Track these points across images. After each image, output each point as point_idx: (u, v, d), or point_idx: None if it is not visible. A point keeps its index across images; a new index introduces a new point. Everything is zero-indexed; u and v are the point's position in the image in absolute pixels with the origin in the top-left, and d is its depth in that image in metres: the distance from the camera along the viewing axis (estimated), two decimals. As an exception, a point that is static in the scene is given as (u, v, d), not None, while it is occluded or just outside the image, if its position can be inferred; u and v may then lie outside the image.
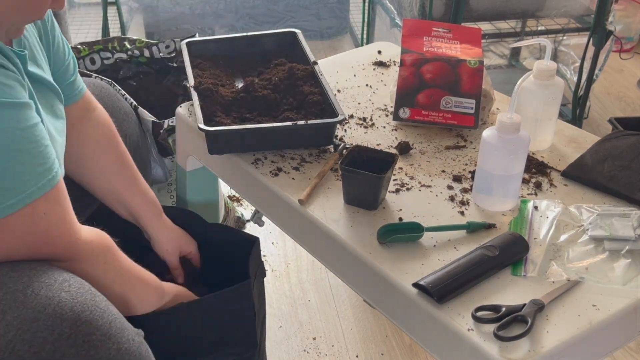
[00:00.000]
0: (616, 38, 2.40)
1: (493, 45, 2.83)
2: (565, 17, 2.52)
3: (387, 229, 1.11)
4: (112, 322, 0.93)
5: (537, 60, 1.29)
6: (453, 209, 1.18)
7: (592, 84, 2.45)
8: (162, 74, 1.90)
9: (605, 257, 1.06)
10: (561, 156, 1.32)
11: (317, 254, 1.22)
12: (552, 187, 1.24)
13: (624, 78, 3.05)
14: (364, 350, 1.70)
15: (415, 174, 1.27)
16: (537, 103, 1.29)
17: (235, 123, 1.32)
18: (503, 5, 2.38)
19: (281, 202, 1.23)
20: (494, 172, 1.14)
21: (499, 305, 0.96)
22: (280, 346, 1.71)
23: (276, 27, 3.38)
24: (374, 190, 1.15)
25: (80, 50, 1.84)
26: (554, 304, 0.98)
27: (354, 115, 1.45)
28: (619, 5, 2.95)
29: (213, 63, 1.54)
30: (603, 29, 2.29)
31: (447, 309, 0.98)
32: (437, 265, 1.04)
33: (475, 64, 1.38)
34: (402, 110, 1.40)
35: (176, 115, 1.49)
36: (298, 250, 2.02)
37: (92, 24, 3.35)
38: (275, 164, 1.30)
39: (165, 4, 3.19)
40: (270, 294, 1.85)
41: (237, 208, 2.06)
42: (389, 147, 1.35)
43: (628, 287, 1.01)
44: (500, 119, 1.11)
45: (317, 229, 1.16)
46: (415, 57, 1.40)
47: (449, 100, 1.38)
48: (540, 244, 1.08)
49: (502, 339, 0.92)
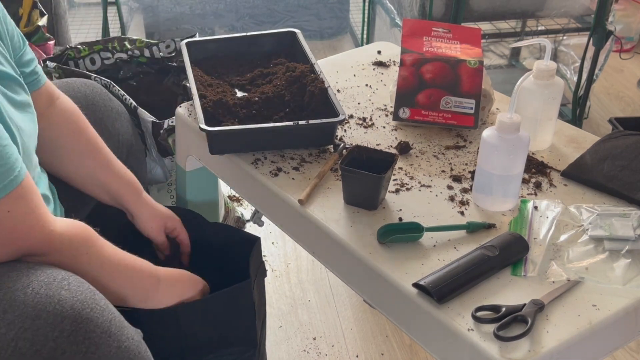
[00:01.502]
0: (616, 38, 2.40)
1: (493, 45, 2.83)
2: (565, 17, 2.52)
3: (387, 229, 1.11)
4: (112, 320, 0.94)
5: (537, 60, 1.29)
6: (453, 209, 1.18)
7: (592, 84, 2.45)
8: (162, 74, 1.90)
9: (605, 257, 1.06)
10: (561, 156, 1.32)
11: (317, 254, 1.22)
12: (552, 187, 1.24)
13: (624, 78, 3.05)
14: (364, 350, 1.70)
15: (415, 174, 1.27)
16: (537, 103, 1.29)
17: (236, 123, 1.32)
18: (503, 5, 2.38)
19: (281, 202, 1.23)
20: (494, 172, 1.14)
21: (499, 305, 0.96)
22: (280, 346, 1.71)
23: (276, 27, 3.38)
24: (374, 190, 1.15)
25: (81, 50, 1.84)
26: (554, 304, 0.98)
27: (353, 115, 1.45)
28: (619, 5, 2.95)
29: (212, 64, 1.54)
30: (603, 29, 2.29)
31: (447, 309, 0.98)
32: (437, 265, 1.04)
33: (475, 64, 1.38)
34: (402, 110, 1.40)
35: (176, 115, 1.49)
36: (298, 250, 2.02)
37: (92, 24, 3.35)
38: (275, 164, 1.30)
39: (165, 4, 3.19)
40: (270, 294, 1.85)
41: (237, 208, 2.06)
42: (389, 147, 1.35)
43: (628, 287, 1.01)
44: (500, 119, 1.11)
45: (317, 229, 1.16)
46: (415, 57, 1.40)
47: (448, 100, 1.38)
48: (540, 244, 1.09)
49: (502, 339, 0.92)
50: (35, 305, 0.87)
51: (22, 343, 0.85)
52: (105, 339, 0.91)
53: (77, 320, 0.89)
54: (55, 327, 0.87)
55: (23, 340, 0.85)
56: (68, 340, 0.87)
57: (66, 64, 1.81)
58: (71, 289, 0.92)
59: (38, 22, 2.13)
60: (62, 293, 0.90)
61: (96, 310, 0.92)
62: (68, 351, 0.87)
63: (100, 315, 0.92)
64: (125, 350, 0.94)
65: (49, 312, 0.87)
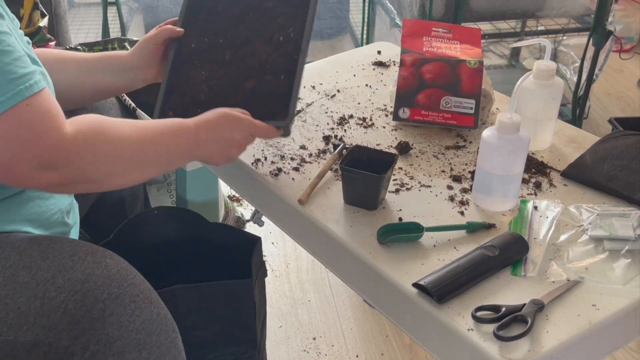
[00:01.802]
0: (616, 38, 2.40)
1: (493, 45, 2.83)
2: (565, 17, 2.53)
3: (387, 229, 1.11)
4: (151, 290, 0.97)
5: (537, 60, 1.29)
6: (453, 209, 1.18)
7: (592, 84, 2.46)
8: (162, 74, 1.90)
9: (605, 257, 1.06)
10: (561, 156, 1.33)
11: (317, 254, 1.22)
12: (551, 187, 1.24)
13: (624, 78, 3.05)
14: (364, 350, 1.70)
15: (415, 174, 1.27)
16: (537, 103, 1.29)
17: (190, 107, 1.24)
18: (503, 5, 2.38)
19: (281, 202, 1.23)
20: (494, 172, 1.14)
21: (499, 305, 0.96)
22: (280, 346, 1.71)
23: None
24: (374, 191, 1.15)
25: (81, 50, 1.84)
26: (554, 304, 0.98)
27: (353, 115, 1.46)
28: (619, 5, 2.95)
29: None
30: (603, 29, 2.29)
31: (447, 309, 0.98)
32: (437, 265, 1.04)
33: (475, 64, 1.38)
34: (402, 110, 1.40)
35: (176, 115, 1.49)
36: (298, 250, 2.02)
37: (92, 24, 3.35)
38: (275, 164, 1.30)
39: (165, 4, 3.20)
40: (270, 294, 1.86)
41: (237, 208, 2.06)
42: (389, 147, 1.35)
43: (628, 287, 1.01)
44: (500, 119, 1.11)
45: (317, 229, 1.16)
46: (415, 57, 1.40)
47: (448, 100, 1.38)
48: (540, 244, 1.09)
49: (502, 339, 0.92)
50: (84, 270, 0.92)
51: (72, 305, 0.88)
52: (147, 304, 0.94)
53: (124, 284, 0.93)
54: (104, 290, 0.90)
55: (73, 302, 0.88)
56: (116, 302, 0.91)
57: (66, 64, 1.81)
58: (114, 257, 0.96)
59: (39, 23, 2.13)
60: (107, 260, 0.95)
61: (139, 278, 0.96)
62: (116, 313, 0.90)
63: (142, 282, 0.96)
64: (164, 317, 0.97)
65: (97, 275, 0.91)
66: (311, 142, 1.36)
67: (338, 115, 1.46)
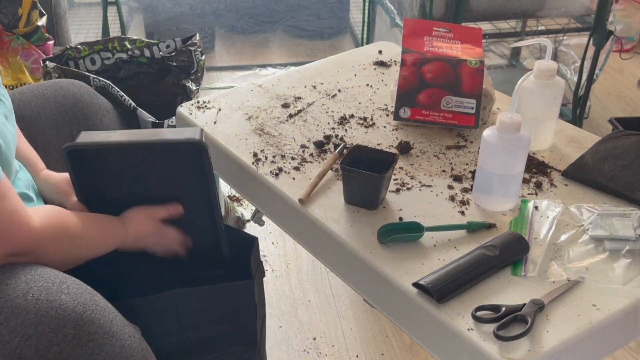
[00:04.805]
0: (616, 38, 2.40)
1: (493, 45, 2.83)
2: (565, 17, 2.52)
3: (387, 228, 1.11)
4: (113, 320, 0.94)
5: (538, 60, 1.28)
6: (453, 209, 1.18)
7: (593, 83, 2.45)
8: (162, 74, 1.90)
9: (605, 257, 1.06)
10: (561, 156, 1.32)
11: (317, 254, 1.22)
12: (552, 187, 1.24)
13: (624, 78, 3.05)
14: (364, 350, 1.70)
15: (415, 174, 1.27)
16: (537, 103, 1.29)
17: None
18: (503, 5, 2.38)
19: (281, 202, 1.23)
20: (495, 171, 1.14)
21: (499, 305, 0.96)
22: (280, 346, 1.71)
23: (276, 27, 3.39)
24: (375, 190, 1.15)
25: (81, 50, 1.84)
26: (554, 304, 0.98)
27: (354, 115, 1.46)
28: (619, 5, 2.95)
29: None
30: (603, 29, 2.29)
31: (447, 308, 0.98)
32: (437, 265, 1.04)
33: (476, 63, 1.38)
34: (403, 110, 1.40)
35: (177, 115, 1.49)
36: (298, 250, 2.02)
37: (92, 24, 3.35)
38: (275, 163, 1.30)
39: (165, 4, 3.20)
40: (270, 294, 1.86)
41: (237, 208, 2.06)
42: (390, 146, 1.35)
43: (628, 287, 1.01)
44: (501, 119, 1.11)
45: (318, 229, 1.16)
46: (416, 56, 1.40)
47: (449, 100, 1.38)
48: (540, 244, 1.08)
49: (502, 339, 0.92)
50: (37, 312, 0.88)
51: (27, 350, 0.86)
52: (108, 339, 0.92)
53: (80, 323, 0.90)
54: (58, 332, 0.88)
55: (27, 347, 0.86)
56: (72, 343, 0.88)
57: (66, 64, 1.81)
58: (70, 292, 0.92)
59: (37, 22, 2.13)
60: (62, 297, 0.91)
61: (97, 312, 0.93)
62: (73, 354, 0.88)
63: (101, 316, 0.93)
64: (128, 348, 0.95)
65: (51, 317, 0.88)
66: (311, 141, 1.36)
67: (339, 115, 1.46)
